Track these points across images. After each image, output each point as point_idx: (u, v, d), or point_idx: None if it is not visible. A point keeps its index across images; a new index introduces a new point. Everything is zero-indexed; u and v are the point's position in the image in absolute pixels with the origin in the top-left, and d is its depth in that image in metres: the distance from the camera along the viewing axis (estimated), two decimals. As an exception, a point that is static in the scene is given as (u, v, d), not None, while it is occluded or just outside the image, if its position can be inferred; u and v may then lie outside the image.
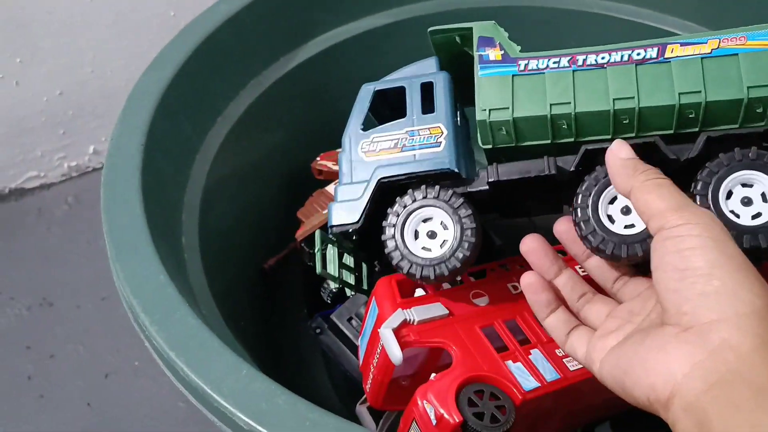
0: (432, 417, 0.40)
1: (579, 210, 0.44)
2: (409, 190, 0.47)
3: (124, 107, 0.55)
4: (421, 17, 0.72)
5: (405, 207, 0.46)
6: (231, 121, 0.63)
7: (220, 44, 0.62)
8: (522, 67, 0.46)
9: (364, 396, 0.50)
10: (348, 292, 0.53)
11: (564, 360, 0.45)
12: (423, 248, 0.46)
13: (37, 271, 0.90)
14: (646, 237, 0.42)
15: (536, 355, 0.45)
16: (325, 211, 0.64)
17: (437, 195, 0.46)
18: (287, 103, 0.69)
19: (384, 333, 0.43)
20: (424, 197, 0.46)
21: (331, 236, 0.51)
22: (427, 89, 0.49)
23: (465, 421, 0.40)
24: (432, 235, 0.46)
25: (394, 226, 0.46)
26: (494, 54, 0.47)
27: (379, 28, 0.72)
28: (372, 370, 0.47)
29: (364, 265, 0.54)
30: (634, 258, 0.42)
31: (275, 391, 0.40)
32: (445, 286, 0.49)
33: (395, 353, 0.42)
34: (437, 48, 0.52)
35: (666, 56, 0.45)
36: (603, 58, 0.46)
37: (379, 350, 0.45)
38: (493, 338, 0.45)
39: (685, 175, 0.44)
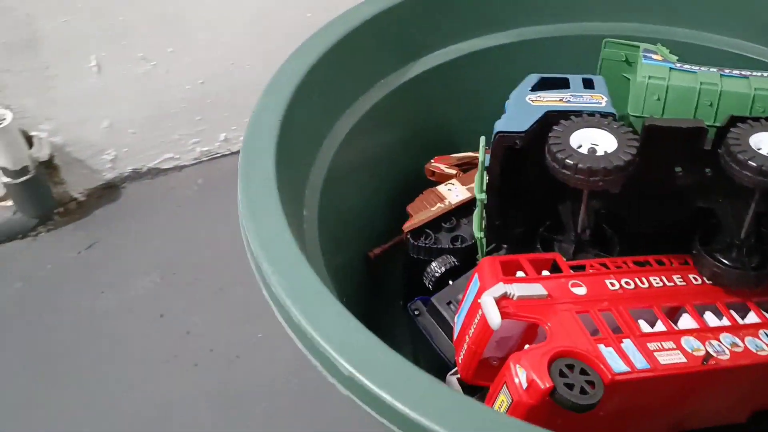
0: (523, 381, 0.43)
1: None
2: (572, 116, 0.52)
3: (268, 85, 0.60)
4: (550, 39, 0.76)
5: (570, 121, 0.51)
6: (357, 116, 0.68)
7: (357, 43, 0.67)
8: (679, 65, 0.57)
9: (455, 368, 0.53)
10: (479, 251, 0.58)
11: (655, 353, 0.47)
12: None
13: (168, 246, 0.97)
14: None
15: (628, 344, 0.46)
16: (434, 208, 0.68)
17: (599, 120, 0.52)
18: (409, 106, 0.73)
19: (485, 300, 0.46)
20: (588, 121, 0.51)
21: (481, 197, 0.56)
22: (586, 83, 0.58)
23: (555, 389, 0.42)
24: (592, 150, 0.49)
25: (560, 134, 0.50)
26: (656, 57, 0.59)
27: (501, 47, 0.76)
28: (467, 341, 0.50)
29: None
30: None
31: (378, 345, 0.43)
32: (545, 273, 0.52)
33: (494, 318, 0.45)
34: (604, 59, 0.66)
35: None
36: (745, 72, 0.56)
37: (477, 320, 0.48)
38: (587, 323, 0.47)
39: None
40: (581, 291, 0.50)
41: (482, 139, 0.57)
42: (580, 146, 0.50)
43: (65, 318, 0.88)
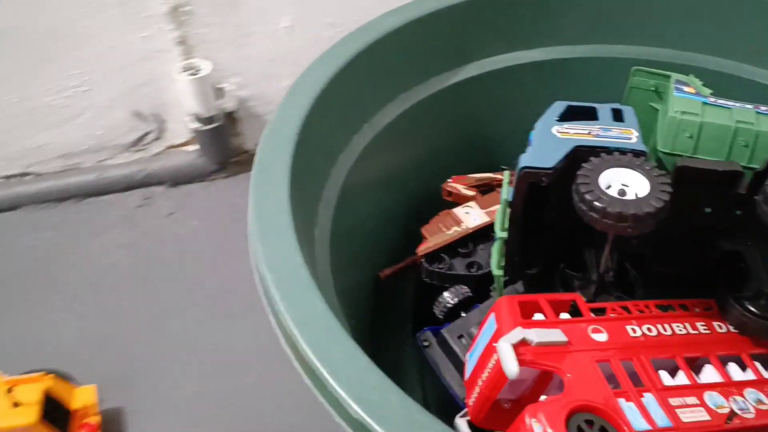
0: (538, 436, 0.41)
1: None
2: (602, 153, 0.49)
3: (287, 96, 0.58)
4: (582, 59, 0.73)
5: (600, 158, 0.49)
6: (375, 130, 0.66)
7: (380, 54, 0.65)
8: (712, 100, 0.54)
9: (465, 410, 0.51)
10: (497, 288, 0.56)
11: (677, 410, 0.44)
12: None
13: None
14: None
15: (649, 399, 0.44)
16: (449, 231, 0.66)
17: (630, 159, 0.49)
18: (429, 122, 0.71)
19: (502, 346, 0.44)
20: (619, 159, 0.49)
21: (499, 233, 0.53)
22: (615, 113, 0.55)
23: (571, 447, 0.40)
24: (622, 192, 0.47)
25: (589, 172, 0.48)
26: (688, 89, 0.55)
27: (526, 65, 0.74)
28: (480, 384, 0.47)
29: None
30: None
31: (389, 387, 0.41)
32: (564, 315, 0.49)
33: (512, 367, 0.43)
34: (632, 87, 0.63)
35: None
36: None
37: (491, 364, 0.46)
38: (606, 373, 0.45)
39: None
40: (602, 337, 0.48)
41: (506, 173, 0.55)
42: (609, 186, 0.47)
43: (233, 257, 0.93)
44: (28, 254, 0.96)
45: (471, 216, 0.67)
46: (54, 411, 0.69)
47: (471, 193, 0.70)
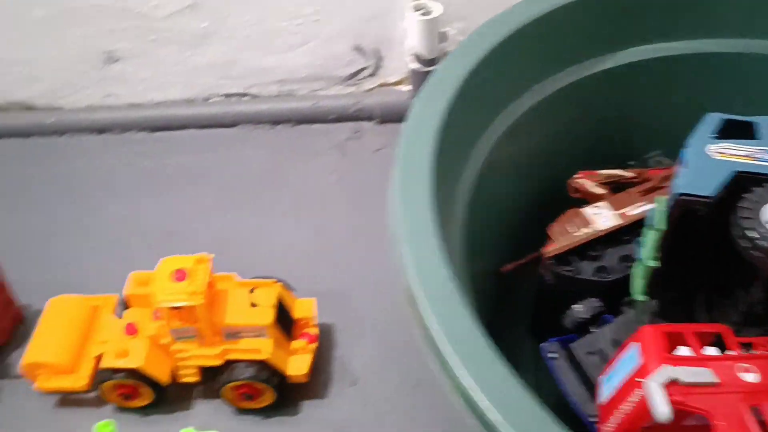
0: (687, 487, 0.39)
1: None
2: (765, 183, 0.47)
3: (425, 89, 0.56)
4: (733, 54, 0.68)
5: (763, 188, 0.46)
6: (509, 120, 0.64)
7: (519, 43, 0.61)
8: None
9: (597, 434, 0.50)
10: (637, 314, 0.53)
11: (834, 466, 0.42)
12: None
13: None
14: None
15: (804, 452, 0.42)
16: (578, 233, 0.63)
17: None
18: (561, 114, 0.68)
19: (652, 386, 0.42)
20: None
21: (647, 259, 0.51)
22: None
23: (721, 502, 0.38)
24: None
25: (752, 205, 0.45)
26: None
27: (668, 59, 0.69)
28: (618, 414, 0.46)
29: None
30: None
31: (545, 416, 0.40)
32: (710, 349, 0.47)
33: (663, 410, 0.41)
34: None
35: None
36: None
37: (635, 398, 0.44)
38: (759, 420, 0.43)
39: None
40: (753, 378, 0.45)
41: (659, 199, 0.52)
42: None
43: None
44: (245, 170, 1.00)
45: (601, 217, 0.64)
46: (282, 316, 0.71)
47: (600, 190, 0.67)
